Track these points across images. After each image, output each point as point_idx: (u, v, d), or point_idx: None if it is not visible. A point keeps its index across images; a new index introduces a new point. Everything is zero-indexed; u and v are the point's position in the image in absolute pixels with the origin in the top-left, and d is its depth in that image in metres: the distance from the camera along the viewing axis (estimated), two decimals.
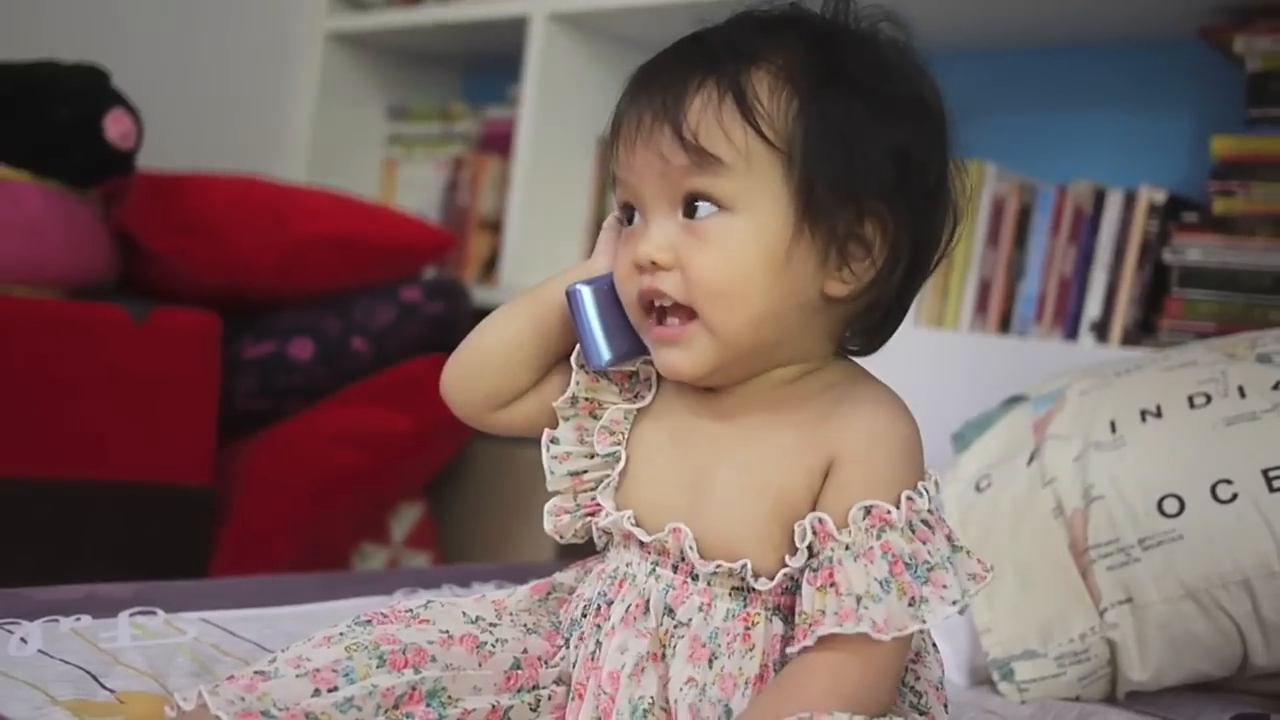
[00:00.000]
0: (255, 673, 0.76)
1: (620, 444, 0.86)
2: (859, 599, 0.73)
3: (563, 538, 0.88)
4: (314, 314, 1.92)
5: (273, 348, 1.88)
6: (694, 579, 0.80)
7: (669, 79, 0.79)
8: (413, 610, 0.85)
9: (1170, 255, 1.61)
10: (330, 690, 0.76)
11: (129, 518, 1.68)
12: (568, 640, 0.85)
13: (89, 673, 0.93)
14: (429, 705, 0.78)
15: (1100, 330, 1.66)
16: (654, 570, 0.82)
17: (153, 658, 0.98)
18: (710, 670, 0.78)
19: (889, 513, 0.76)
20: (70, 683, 0.90)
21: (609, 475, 0.85)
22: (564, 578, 0.92)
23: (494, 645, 0.84)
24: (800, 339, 0.82)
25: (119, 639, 1.02)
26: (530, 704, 0.83)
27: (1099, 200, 1.68)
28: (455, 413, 0.91)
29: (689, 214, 0.79)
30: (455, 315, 2.01)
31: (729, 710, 0.77)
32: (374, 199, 2.50)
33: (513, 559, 1.98)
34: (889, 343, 0.87)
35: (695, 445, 0.84)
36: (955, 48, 1.86)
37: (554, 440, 0.88)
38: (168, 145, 2.03)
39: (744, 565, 0.78)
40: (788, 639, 0.78)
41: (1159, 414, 1.20)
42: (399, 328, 1.95)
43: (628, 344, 0.85)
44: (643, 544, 0.82)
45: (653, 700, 0.78)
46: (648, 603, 0.81)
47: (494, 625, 0.87)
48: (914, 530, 0.76)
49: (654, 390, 0.87)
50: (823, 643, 0.74)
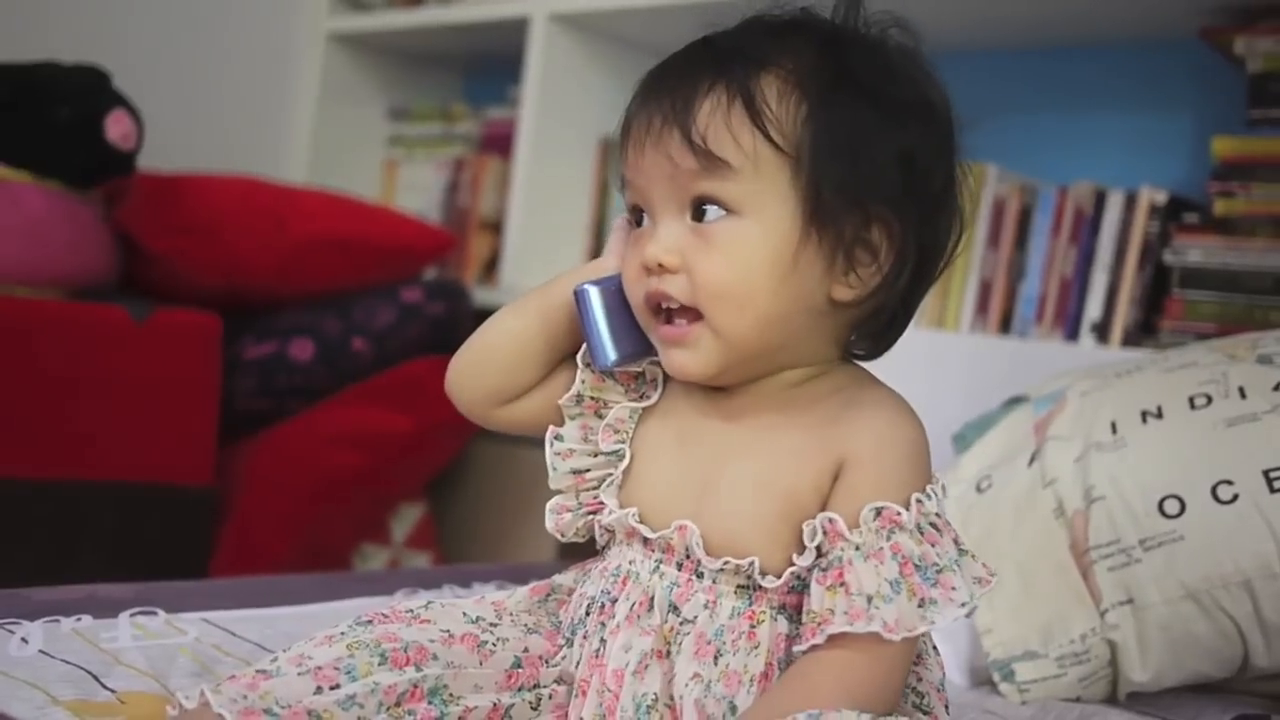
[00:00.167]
0: (257, 671, 0.76)
1: (624, 442, 0.86)
2: (870, 599, 0.73)
3: (564, 536, 0.88)
4: (314, 314, 1.92)
5: (273, 348, 1.88)
6: (699, 576, 0.80)
7: (678, 83, 0.79)
8: (413, 611, 0.85)
9: (1171, 256, 1.61)
10: (332, 688, 0.76)
11: (129, 518, 1.68)
12: (570, 639, 0.85)
13: (90, 673, 0.93)
14: (430, 703, 0.78)
15: (1101, 331, 1.66)
16: (658, 568, 0.82)
17: (153, 658, 0.98)
18: (715, 667, 0.78)
19: (899, 514, 0.76)
20: (71, 683, 0.90)
21: (612, 474, 0.86)
22: (563, 579, 0.92)
23: (495, 644, 0.84)
24: (806, 342, 0.82)
25: (120, 639, 1.02)
26: (531, 702, 0.83)
27: (1100, 201, 1.69)
28: (459, 409, 0.91)
29: (697, 217, 0.79)
30: (456, 316, 2.01)
31: (733, 707, 0.77)
32: (375, 200, 2.50)
33: (513, 559, 1.98)
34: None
35: (702, 444, 0.84)
36: (955, 48, 1.85)
37: (558, 437, 0.88)
38: (168, 146, 2.03)
39: (751, 562, 0.78)
40: (792, 638, 0.78)
41: (1160, 415, 1.20)
42: (399, 328, 1.95)
43: (634, 345, 0.85)
44: (646, 541, 0.82)
45: (656, 697, 0.78)
46: (652, 600, 0.81)
47: (494, 625, 0.87)
48: (923, 532, 0.76)
49: (660, 390, 0.88)
50: (832, 641, 0.74)
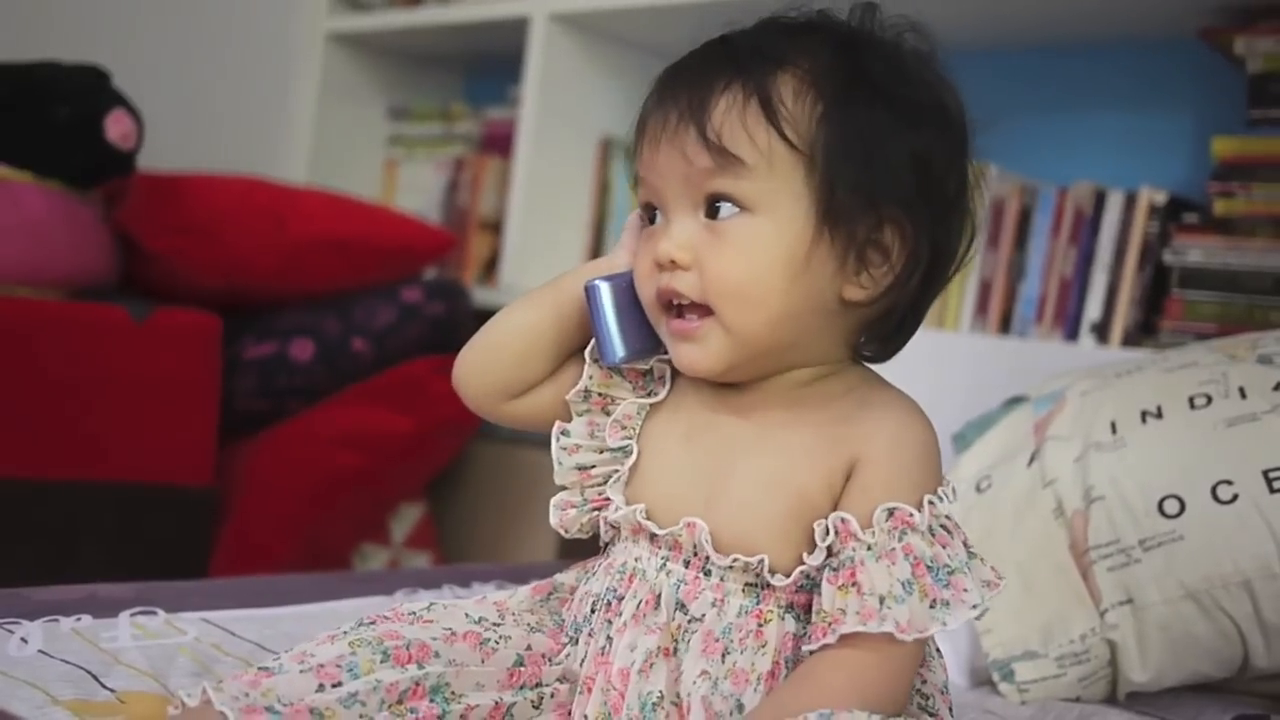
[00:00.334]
0: (259, 669, 0.76)
1: (632, 438, 0.86)
2: (882, 599, 0.74)
3: (568, 532, 0.88)
4: (314, 314, 1.92)
5: (273, 348, 1.88)
6: (706, 574, 0.80)
7: (695, 80, 0.80)
8: (415, 612, 0.85)
9: (1171, 256, 1.61)
10: (334, 685, 0.76)
11: (129, 518, 1.68)
12: (574, 637, 0.85)
13: (90, 672, 0.93)
14: (432, 701, 0.78)
15: (1101, 331, 1.66)
16: (664, 565, 0.81)
17: (153, 657, 0.98)
18: (723, 665, 0.78)
19: (911, 516, 0.76)
20: (71, 682, 0.90)
21: (618, 470, 0.85)
22: (565, 578, 0.92)
23: (497, 642, 0.84)
24: (816, 342, 0.82)
25: (120, 639, 1.02)
26: (533, 701, 0.83)
27: (1099, 201, 1.69)
28: (466, 402, 0.91)
29: (710, 215, 0.79)
30: (456, 316, 2.01)
31: (740, 705, 0.77)
32: (374, 200, 2.50)
33: (513, 559, 1.98)
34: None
35: (711, 441, 0.84)
36: (956, 48, 1.83)
37: (564, 432, 0.87)
38: (168, 146, 2.03)
39: (761, 561, 0.79)
40: (800, 637, 0.79)
41: (1159, 415, 1.20)
42: (399, 328, 1.95)
43: (643, 342, 0.85)
44: (653, 538, 0.82)
45: (662, 694, 0.78)
46: (658, 598, 0.80)
47: (498, 625, 0.87)
48: (934, 534, 0.77)
49: (668, 386, 0.87)
50: (843, 641, 0.74)
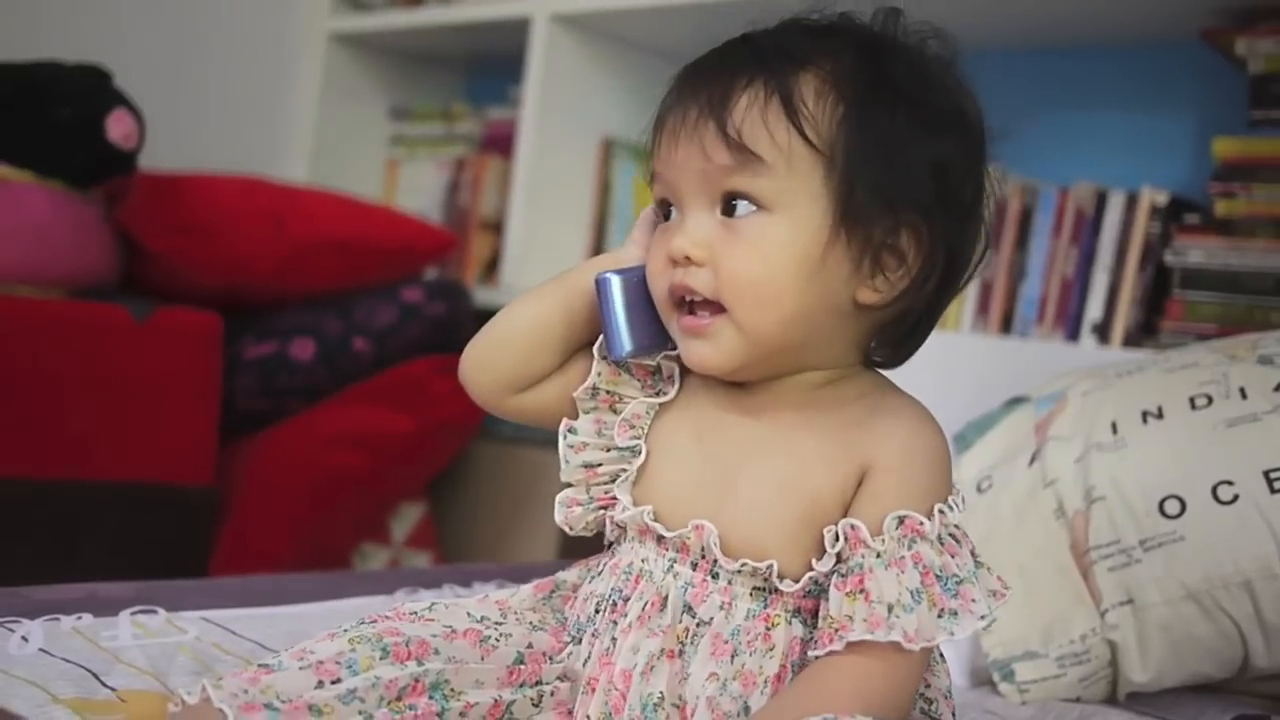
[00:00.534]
0: (259, 666, 0.76)
1: (640, 438, 0.85)
2: (890, 607, 0.74)
3: (572, 530, 0.88)
4: (315, 314, 1.92)
5: (274, 348, 1.88)
6: (714, 577, 0.80)
7: (716, 77, 0.79)
8: (417, 611, 0.85)
9: (1172, 257, 1.61)
10: (333, 682, 0.75)
11: (130, 518, 1.68)
12: (577, 637, 0.85)
13: (90, 671, 0.93)
14: (431, 698, 0.78)
15: (1102, 331, 1.66)
16: (672, 567, 0.81)
17: (154, 656, 0.98)
18: (731, 666, 0.78)
19: (922, 524, 0.76)
20: (71, 681, 0.90)
21: (625, 469, 0.85)
22: (567, 576, 0.92)
23: (498, 640, 0.84)
24: (829, 344, 0.82)
25: (120, 638, 1.02)
26: (533, 699, 0.83)
27: (1101, 202, 1.69)
28: (472, 396, 0.90)
29: (727, 212, 0.79)
30: (456, 316, 2.01)
31: (747, 707, 0.77)
32: (376, 200, 2.50)
33: (513, 559, 1.98)
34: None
35: (721, 441, 0.83)
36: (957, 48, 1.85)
37: (571, 430, 0.87)
38: (169, 145, 2.03)
39: (770, 565, 0.78)
40: (807, 642, 0.79)
41: (1160, 415, 1.20)
42: (400, 328, 1.95)
43: (650, 337, 0.84)
44: (660, 540, 0.82)
45: (663, 695, 0.78)
46: (664, 600, 0.80)
47: (499, 623, 0.86)
48: (943, 543, 0.77)
49: (677, 385, 0.87)
50: (849, 648, 0.74)
